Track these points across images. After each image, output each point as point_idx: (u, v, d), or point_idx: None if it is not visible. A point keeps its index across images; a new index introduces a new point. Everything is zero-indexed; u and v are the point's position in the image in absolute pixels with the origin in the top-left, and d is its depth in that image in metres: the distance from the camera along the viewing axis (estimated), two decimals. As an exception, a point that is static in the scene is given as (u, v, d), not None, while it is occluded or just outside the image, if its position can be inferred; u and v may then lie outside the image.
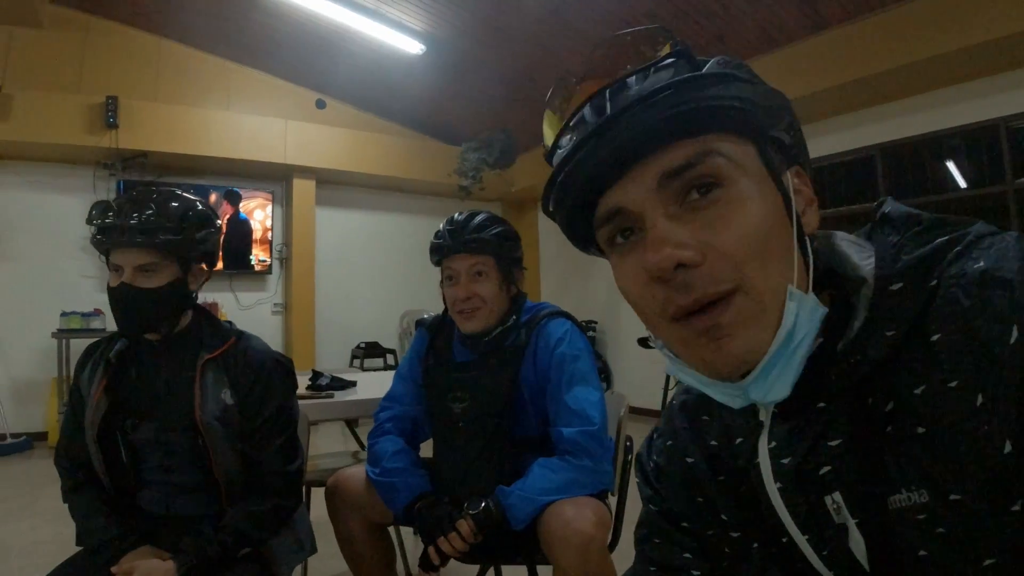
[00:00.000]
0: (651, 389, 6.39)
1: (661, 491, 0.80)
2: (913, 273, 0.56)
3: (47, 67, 5.96)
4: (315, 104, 7.58)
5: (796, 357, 0.56)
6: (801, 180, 0.63)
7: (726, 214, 0.56)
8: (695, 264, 0.55)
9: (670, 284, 0.56)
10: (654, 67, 0.59)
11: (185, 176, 6.80)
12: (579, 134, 0.60)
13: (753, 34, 5.10)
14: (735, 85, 0.57)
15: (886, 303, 0.57)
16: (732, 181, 0.57)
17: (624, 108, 0.56)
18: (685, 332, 0.58)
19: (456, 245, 1.77)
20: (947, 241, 0.57)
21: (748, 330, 0.55)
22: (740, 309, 0.55)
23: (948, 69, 4.48)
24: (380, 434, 1.90)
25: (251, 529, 1.49)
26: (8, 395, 5.82)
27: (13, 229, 5.99)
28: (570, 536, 1.48)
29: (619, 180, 0.59)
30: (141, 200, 1.48)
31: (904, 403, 0.54)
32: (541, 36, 5.66)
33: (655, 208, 0.57)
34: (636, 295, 0.61)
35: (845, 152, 5.37)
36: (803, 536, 0.62)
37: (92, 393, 1.52)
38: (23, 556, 3.06)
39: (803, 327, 0.56)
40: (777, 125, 0.61)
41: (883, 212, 0.65)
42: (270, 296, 7.45)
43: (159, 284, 1.48)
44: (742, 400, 0.60)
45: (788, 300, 0.56)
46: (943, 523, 0.51)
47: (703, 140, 0.57)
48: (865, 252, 0.63)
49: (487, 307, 1.77)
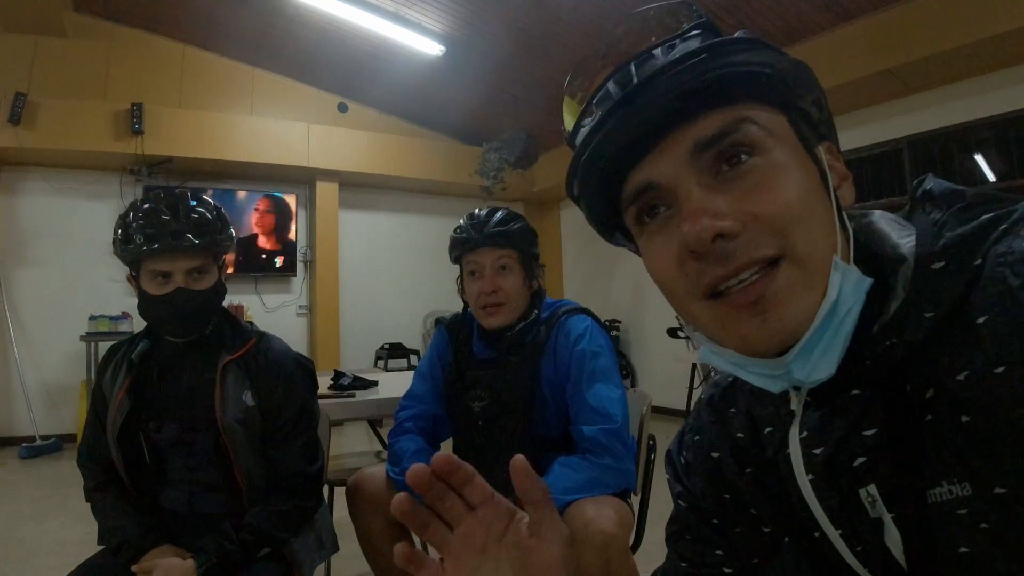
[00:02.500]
0: (676, 388, 6.32)
1: (690, 487, 0.78)
2: (956, 251, 0.52)
3: (72, 75, 6.06)
4: (337, 108, 7.62)
5: (841, 332, 0.53)
6: (833, 156, 0.61)
7: (764, 181, 0.54)
8: (734, 234, 0.52)
9: (706, 258, 0.53)
10: (680, 38, 0.56)
11: (210, 180, 6.88)
12: (604, 108, 0.57)
13: (776, 26, 5.03)
14: (764, 51, 0.55)
15: (926, 283, 0.53)
16: (767, 150, 0.54)
17: (652, 75, 0.54)
18: (722, 310, 0.55)
19: (481, 238, 1.76)
20: (992, 218, 0.53)
21: (796, 300, 0.52)
22: (788, 277, 0.52)
23: (975, 59, 4.38)
24: (400, 433, 1.89)
25: (272, 529, 1.48)
26: (38, 397, 5.92)
27: (42, 235, 6.10)
28: (591, 536, 1.46)
29: (649, 154, 0.56)
30: (173, 205, 1.50)
31: (945, 390, 0.50)
32: (562, 36, 5.64)
33: (689, 180, 0.55)
34: (668, 274, 0.58)
35: (872, 145, 5.28)
36: (836, 531, 0.59)
37: (115, 394, 1.53)
38: (50, 555, 3.11)
39: (848, 299, 0.53)
40: (806, 97, 0.59)
41: (924, 189, 0.62)
42: (295, 298, 7.50)
43: (210, 285, 1.52)
44: (783, 381, 0.57)
45: (833, 271, 0.53)
46: (986, 518, 0.48)
47: (735, 109, 0.54)
48: (905, 230, 0.59)
49: (511, 302, 1.77)
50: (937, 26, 4.27)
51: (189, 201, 1.53)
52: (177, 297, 1.47)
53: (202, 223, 1.50)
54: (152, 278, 1.48)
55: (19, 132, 5.57)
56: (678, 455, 0.82)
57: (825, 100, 0.61)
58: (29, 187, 6.13)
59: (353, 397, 2.57)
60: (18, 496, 4.25)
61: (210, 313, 1.57)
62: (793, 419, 0.63)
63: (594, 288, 8.32)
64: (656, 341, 7.02)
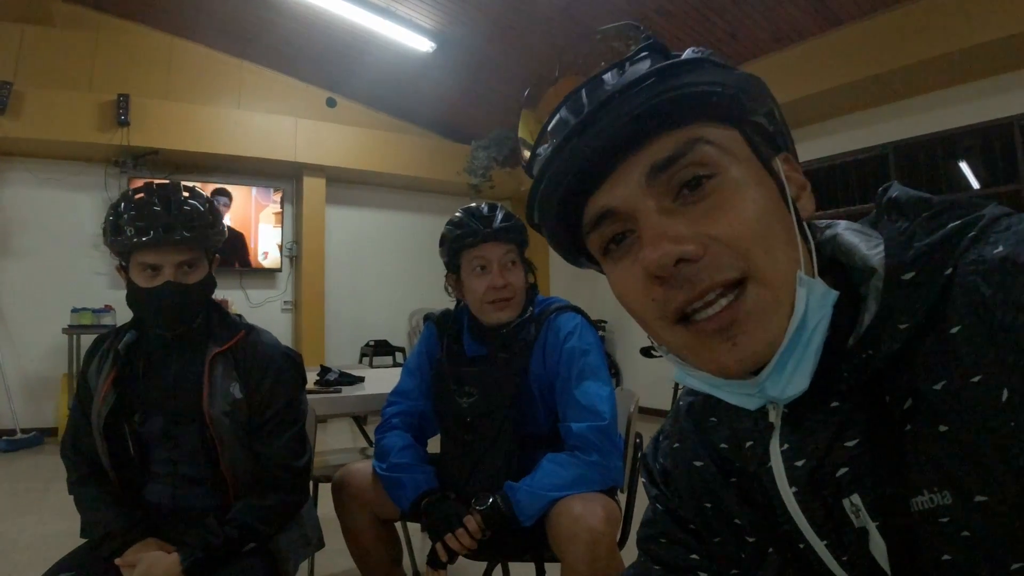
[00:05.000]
0: (661, 390, 6.35)
1: (668, 493, 0.79)
2: (926, 261, 0.53)
3: (59, 65, 6.00)
4: (326, 103, 7.59)
5: (811, 346, 0.54)
6: (790, 166, 0.61)
7: (722, 202, 0.54)
8: (696, 258, 0.53)
9: (670, 283, 0.54)
10: (629, 61, 0.57)
11: (196, 174, 6.81)
12: (559, 136, 0.58)
13: (765, 31, 5.07)
14: (712, 70, 0.56)
15: (898, 294, 0.54)
16: (723, 168, 0.55)
17: (603, 102, 0.54)
18: (692, 336, 0.56)
19: (492, 232, 1.75)
20: (960, 226, 0.54)
21: (765, 321, 0.53)
22: (756, 300, 0.53)
23: (962, 67, 4.43)
24: (387, 429, 1.88)
25: (257, 523, 1.47)
26: (19, 390, 5.85)
27: (25, 226, 6.03)
28: (579, 532, 1.46)
29: (605, 180, 0.57)
30: (165, 197, 1.48)
31: (923, 400, 0.51)
32: (552, 34, 5.64)
33: (647, 204, 0.55)
34: (634, 300, 0.59)
35: (858, 150, 5.33)
36: (821, 542, 0.60)
37: (100, 386, 1.52)
38: (30, 550, 3.07)
39: (815, 313, 0.54)
40: (758, 111, 0.60)
41: (889, 197, 0.63)
42: (280, 294, 7.47)
43: (200, 279, 1.51)
44: (758, 399, 0.58)
45: (798, 286, 0.53)
46: (968, 526, 0.49)
47: (688, 129, 0.55)
48: (873, 240, 0.60)
49: (518, 296, 1.78)
50: (925, 33, 4.32)
51: (181, 194, 1.51)
52: (166, 290, 1.46)
53: (194, 216, 1.48)
54: (142, 270, 1.47)
55: (4, 122, 5.50)
56: (654, 460, 0.82)
57: (779, 111, 0.62)
58: (13, 178, 6.06)
59: (339, 393, 2.56)
60: (-3, 490, 4.20)
61: (198, 307, 1.56)
62: (773, 432, 0.63)
63: (580, 288, 8.27)
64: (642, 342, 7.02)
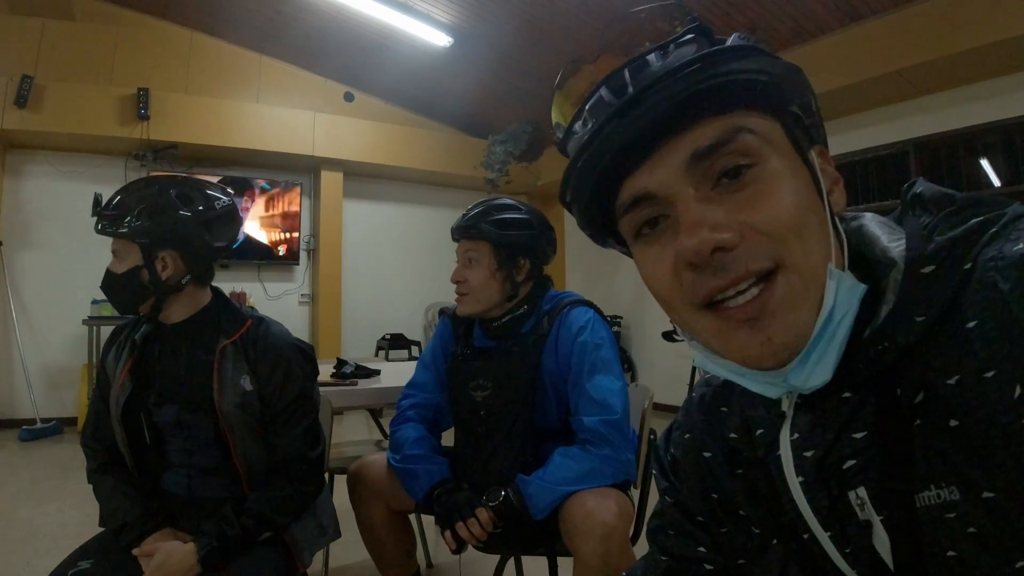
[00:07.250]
0: (677, 385, 6.34)
1: (677, 484, 0.79)
2: (946, 255, 0.53)
3: (79, 59, 6.05)
4: (343, 97, 7.60)
5: (837, 339, 0.53)
6: (824, 159, 0.61)
7: (761, 192, 0.54)
8: (732, 246, 0.53)
9: (703, 269, 0.54)
10: (674, 43, 0.56)
11: (215, 167, 6.87)
12: (598, 116, 0.57)
13: (785, 26, 5.01)
14: (760, 58, 0.55)
15: (917, 287, 0.53)
16: (764, 159, 0.54)
17: (649, 85, 0.54)
18: (720, 322, 0.55)
19: (456, 231, 1.84)
20: (982, 222, 0.53)
21: (795, 312, 0.53)
22: (786, 289, 0.52)
23: (983, 63, 4.35)
24: (402, 421, 1.90)
25: (272, 513, 1.49)
26: (40, 381, 5.92)
27: (46, 218, 6.11)
28: (592, 527, 1.46)
29: (645, 162, 0.56)
30: (124, 189, 1.55)
31: (935, 394, 0.51)
32: (570, 28, 5.62)
33: (686, 190, 0.55)
34: (663, 283, 0.58)
35: (878, 147, 5.26)
36: (825, 533, 0.59)
37: (117, 375, 1.54)
38: (49, 538, 3.11)
39: (843, 306, 0.53)
40: (798, 101, 0.59)
41: (914, 192, 0.62)
42: (297, 287, 7.51)
43: (124, 269, 1.52)
44: (781, 388, 0.57)
45: (828, 279, 0.53)
46: (975, 522, 0.48)
47: (732, 117, 0.54)
48: (895, 234, 0.59)
49: (474, 293, 1.80)
50: (946, 29, 4.25)
51: (136, 186, 1.56)
52: (104, 276, 1.54)
53: (120, 207, 1.51)
54: None
55: (25, 115, 5.56)
56: (665, 452, 0.83)
57: (816, 102, 0.61)
58: (34, 170, 6.13)
59: (355, 385, 2.57)
60: (18, 478, 4.25)
61: (126, 297, 1.54)
62: (784, 421, 0.63)
63: (596, 283, 8.31)
64: (657, 338, 6.98)
